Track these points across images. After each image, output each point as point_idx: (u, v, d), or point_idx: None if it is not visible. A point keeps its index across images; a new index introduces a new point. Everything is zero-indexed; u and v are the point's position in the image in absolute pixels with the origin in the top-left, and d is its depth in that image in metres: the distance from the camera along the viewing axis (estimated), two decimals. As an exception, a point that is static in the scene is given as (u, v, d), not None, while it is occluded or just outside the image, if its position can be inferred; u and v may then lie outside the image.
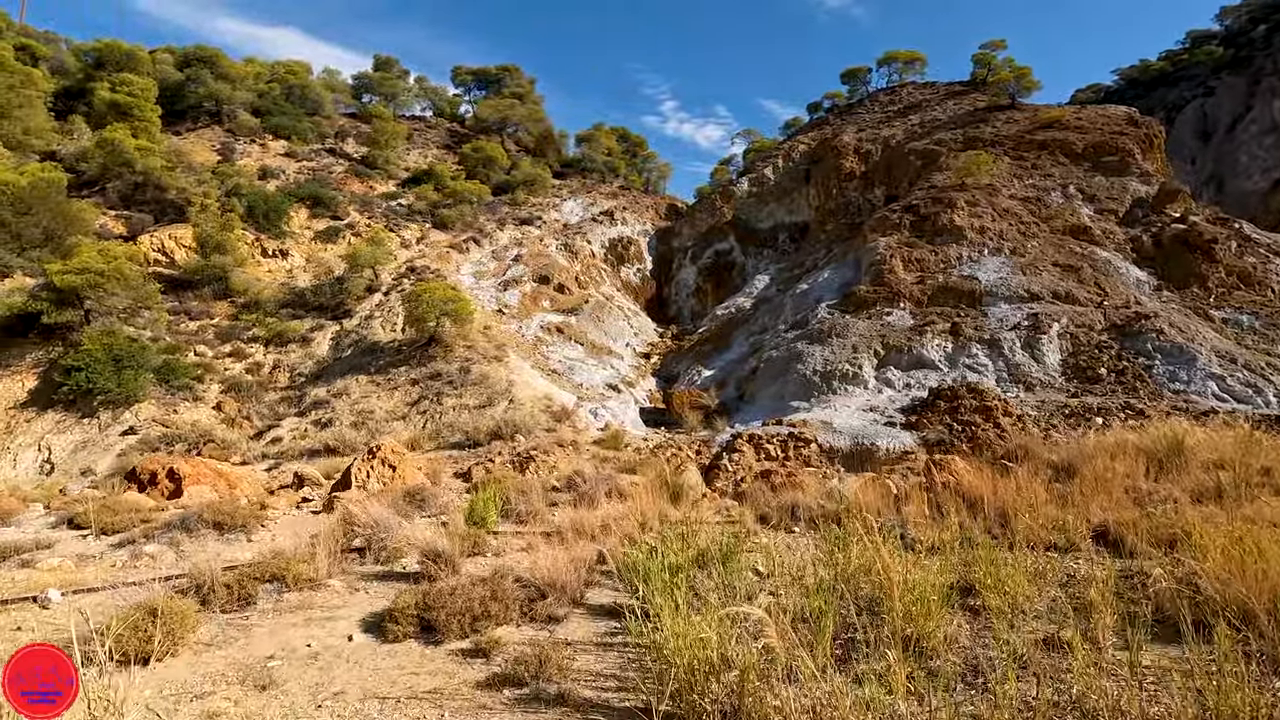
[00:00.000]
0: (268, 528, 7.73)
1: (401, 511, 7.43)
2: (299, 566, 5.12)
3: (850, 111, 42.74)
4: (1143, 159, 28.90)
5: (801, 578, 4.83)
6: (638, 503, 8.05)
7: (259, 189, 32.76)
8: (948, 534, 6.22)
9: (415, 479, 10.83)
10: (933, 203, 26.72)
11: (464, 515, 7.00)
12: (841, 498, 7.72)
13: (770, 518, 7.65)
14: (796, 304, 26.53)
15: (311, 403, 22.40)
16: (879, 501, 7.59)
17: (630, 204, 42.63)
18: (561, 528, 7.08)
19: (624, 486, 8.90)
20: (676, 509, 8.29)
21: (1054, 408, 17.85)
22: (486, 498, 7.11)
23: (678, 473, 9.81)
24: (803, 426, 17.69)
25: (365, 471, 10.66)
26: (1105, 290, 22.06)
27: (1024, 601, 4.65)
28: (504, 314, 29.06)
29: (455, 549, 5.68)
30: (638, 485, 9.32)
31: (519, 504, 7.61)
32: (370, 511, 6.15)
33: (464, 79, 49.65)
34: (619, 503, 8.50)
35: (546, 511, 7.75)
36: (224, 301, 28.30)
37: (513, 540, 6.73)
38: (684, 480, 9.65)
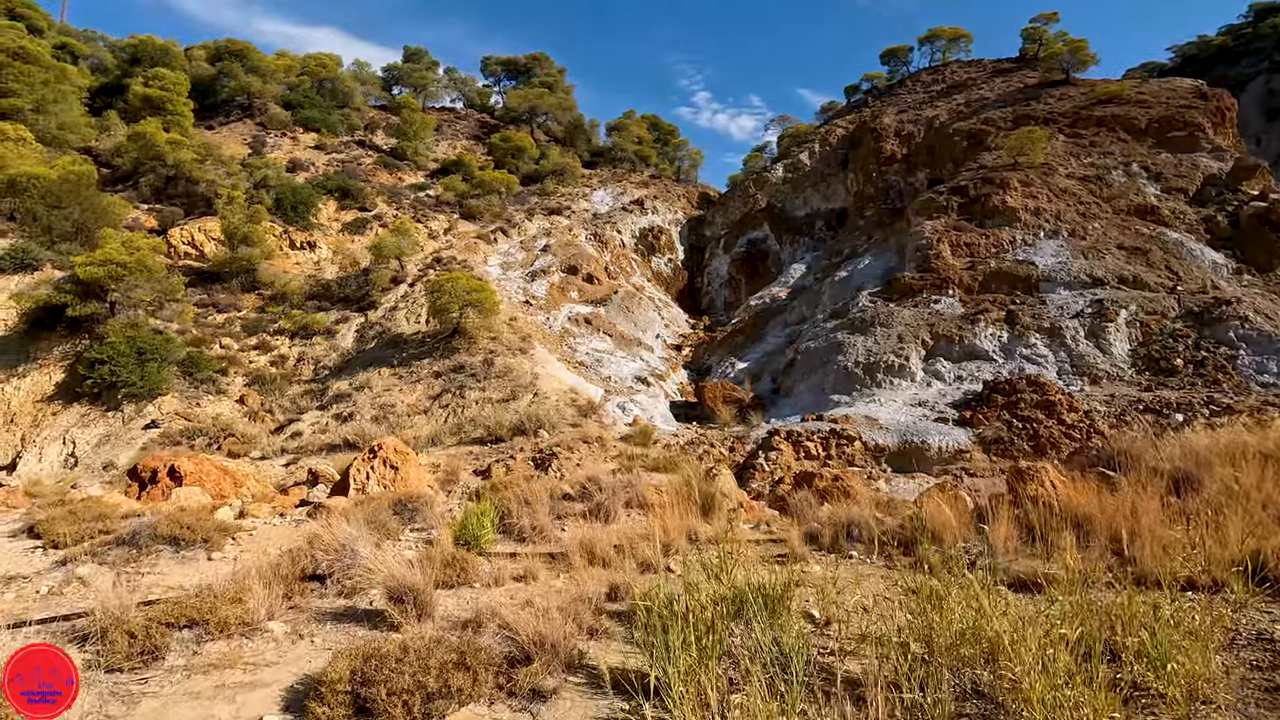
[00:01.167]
0: (238, 541, 6.68)
1: (385, 526, 6.30)
2: (226, 610, 3.98)
3: (890, 93, 40.57)
4: (1213, 133, 26.45)
5: (880, 641, 3.49)
6: (661, 516, 6.77)
7: (287, 181, 32.24)
8: (1058, 567, 4.82)
9: (418, 481, 9.72)
10: (983, 183, 24.78)
11: (453, 533, 5.83)
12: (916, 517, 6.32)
13: (820, 536, 6.29)
14: (835, 293, 24.89)
15: (333, 396, 21.62)
16: (954, 518, 6.17)
17: (661, 193, 41.22)
18: (569, 548, 5.84)
19: (646, 494, 7.63)
20: (708, 523, 6.99)
21: (1125, 403, 16.04)
22: (481, 511, 5.92)
23: (709, 477, 8.49)
24: (845, 423, 16.20)
25: (364, 473, 9.58)
26: (1178, 274, 19.99)
27: (1202, 683, 3.24)
28: (531, 305, 27.99)
29: (429, 583, 4.47)
30: (662, 493, 8.04)
31: (521, 517, 6.40)
32: (337, 531, 5.01)
33: (493, 69, 48.68)
34: (640, 515, 7.22)
35: (554, 526, 6.54)
36: (252, 294, 27.78)
37: (509, 565, 5.53)
38: (716, 487, 8.33)
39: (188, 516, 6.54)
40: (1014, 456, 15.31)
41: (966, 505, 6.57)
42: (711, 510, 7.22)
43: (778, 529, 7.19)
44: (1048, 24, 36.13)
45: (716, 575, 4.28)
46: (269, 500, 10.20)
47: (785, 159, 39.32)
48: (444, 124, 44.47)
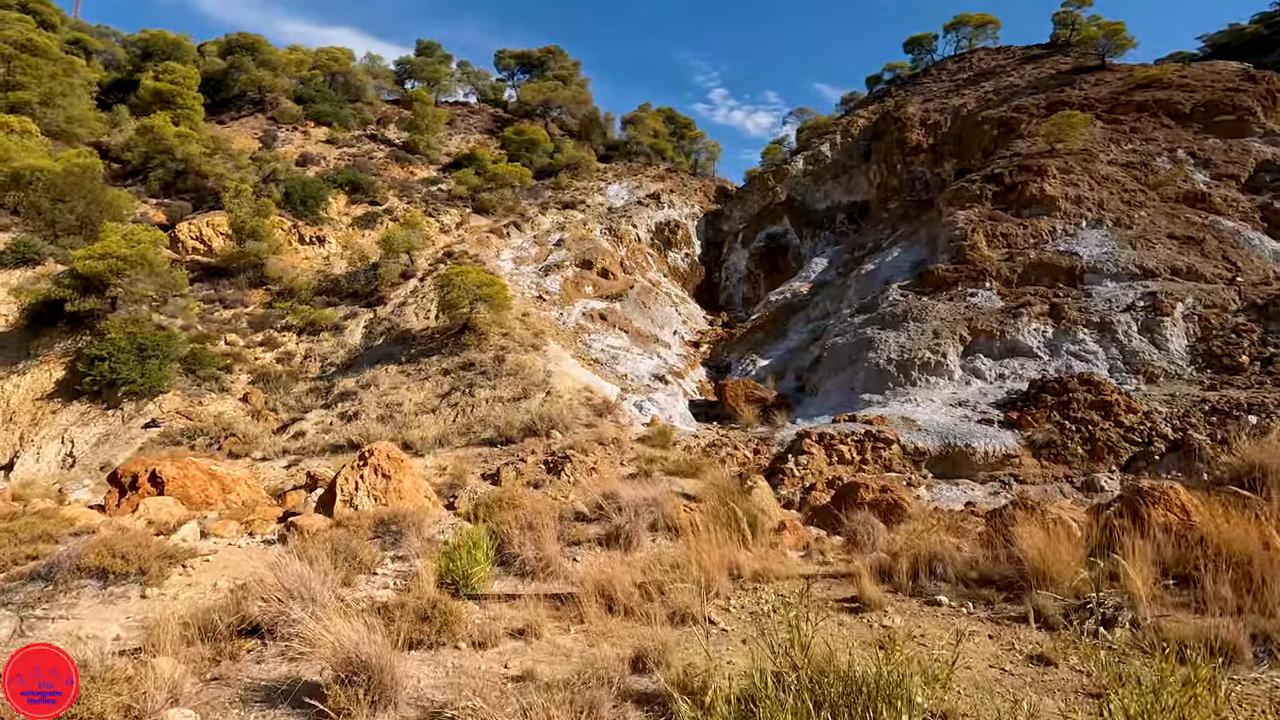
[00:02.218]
0: (189, 571, 5.54)
1: (357, 556, 5.12)
2: (104, 697, 2.80)
3: (915, 82, 38.93)
4: (1265, 117, 24.70)
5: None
6: (694, 542, 5.53)
7: (297, 175, 31.31)
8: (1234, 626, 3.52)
9: (414, 492, 8.54)
10: (1019, 171, 23.24)
11: (439, 567, 4.63)
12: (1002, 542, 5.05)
13: (894, 572, 5.01)
14: (862, 286, 23.47)
15: (339, 394, 20.57)
16: (1061, 550, 4.86)
17: (677, 186, 39.90)
18: (582, 588, 4.61)
19: (674, 513, 6.39)
20: (749, 550, 5.73)
21: (1188, 403, 14.55)
22: (474, 541, 4.72)
23: (745, 490, 7.22)
24: (881, 424, 14.85)
25: (353, 483, 8.42)
26: (1236, 265, 18.41)
27: None
28: (544, 300, 26.82)
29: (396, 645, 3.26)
30: (693, 510, 6.79)
31: (524, 544, 5.18)
32: (286, 574, 3.83)
33: (507, 63, 47.51)
34: (667, 539, 5.98)
35: (563, 556, 5.33)
36: (259, 289, 26.85)
37: (506, 612, 4.33)
38: (754, 502, 7.07)
39: (126, 541, 5.40)
40: (1067, 461, 13.92)
41: (1072, 532, 5.25)
42: (754, 534, 5.96)
43: (833, 556, 5.92)
44: (1080, 8, 34.35)
45: (784, 650, 3.02)
46: (249, 512, 9.07)
47: (805, 151, 37.85)
48: (457, 118, 43.42)
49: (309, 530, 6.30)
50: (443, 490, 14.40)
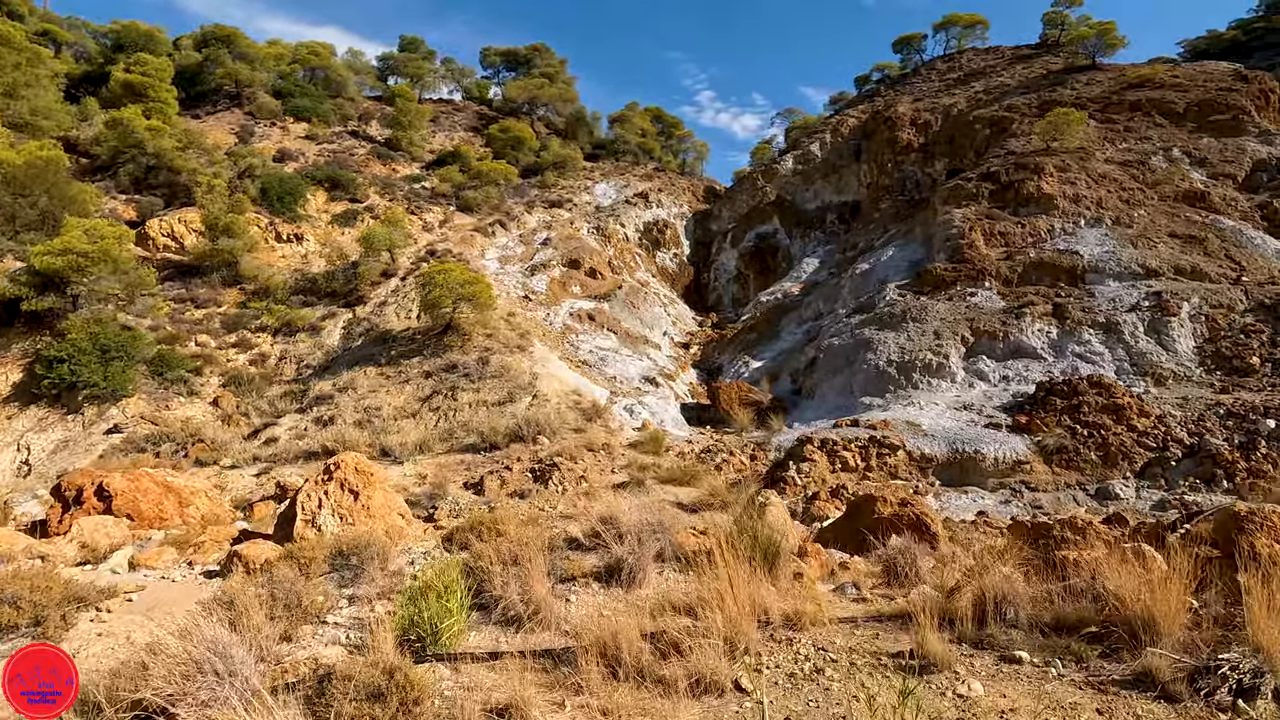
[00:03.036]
0: (101, 617, 4.56)
1: (302, 602, 4.18)
2: None
3: (904, 82, 38.39)
4: (1259, 117, 24.32)
5: None
6: (710, 579, 4.64)
7: (274, 171, 30.06)
8: None
9: (385, 509, 7.57)
10: (1015, 169, 22.63)
11: (403, 618, 3.70)
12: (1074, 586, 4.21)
13: (953, 615, 4.14)
14: (857, 286, 22.73)
15: (314, 398, 19.46)
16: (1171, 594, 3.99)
17: (665, 186, 39.05)
18: (579, 642, 3.69)
19: (682, 539, 5.49)
20: (773, 584, 4.84)
21: (1202, 406, 13.90)
22: (446, 584, 3.80)
23: (758, 510, 6.33)
24: (885, 428, 14.05)
25: (316, 499, 7.43)
26: (1240, 264, 17.86)
27: None
28: (530, 300, 25.83)
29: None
30: (703, 535, 5.90)
31: (508, 585, 4.23)
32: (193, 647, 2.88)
33: (492, 60, 46.38)
34: (677, 572, 5.07)
35: (555, 597, 4.41)
36: (233, 288, 25.60)
37: (484, 678, 3.42)
38: (769, 522, 6.17)
39: (22, 582, 4.40)
40: (1080, 468, 13.20)
41: (1155, 564, 4.41)
42: (775, 563, 5.07)
43: (871, 591, 5.04)
44: (1069, 8, 33.99)
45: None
46: (200, 533, 8.04)
47: (794, 150, 37.16)
48: (441, 115, 42.26)
49: (254, 562, 5.34)
50: (422, 501, 13.40)
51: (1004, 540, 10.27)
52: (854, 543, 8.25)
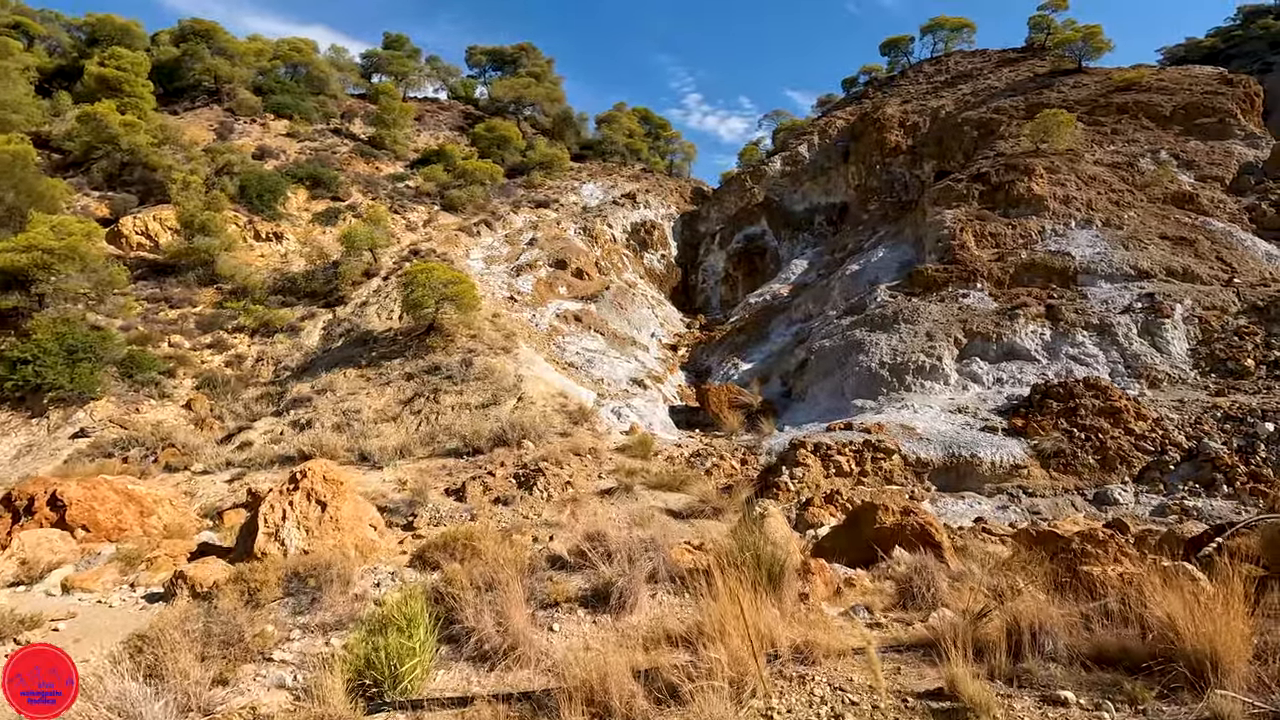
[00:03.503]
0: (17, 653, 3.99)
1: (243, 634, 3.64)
2: None
3: (892, 84, 38.24)
4: (1244, 120, 24.31)
5: None
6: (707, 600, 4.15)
7: (254, 168, 29.26)
8: None
9: (355, 522, 7.01)
10: (1006, 170, 22.40)
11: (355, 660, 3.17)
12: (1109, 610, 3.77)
13: (983, 645, 3.68)
14: (847, 287, 22.39)
15: (291, 400, 18.77)
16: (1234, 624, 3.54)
17: (653, 187, 38.61)
18: (564, 684, 3.18)
19: (676, 556, 5.00)
20: (777, 607, 4.36)
21: (1199, 409, 13.63)
22: (409, 616, 3.27)
23: (758, 522, 5.85)
24: (879, 432, 13.64)
25: (280, 511, 6.86)
26: (1232, 266, 17.70)
27: None
28: (516, 301, 25.26)
29: None
30: (699, 551, 5.41)
31: (482, 613, 3.71)
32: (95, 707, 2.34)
33: (479, 59, 45.70)
34: (671, 594, 4.57)
35: (537, 627, 3.91)
36: (210, 288, 24.79)
37: (452, 731, 2.89)
38: (769, 534, 5.69)
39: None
40: (1078, 472, 12.87)
41: (1200, 586, 3.97)
42: (778, 583, 4.59)
43: (885, 614, 4.57)
44: (1055, 12, 34.00)
45: None
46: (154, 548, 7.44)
47: (782, 152, 36.87)
48: (426, 114, 41.55)
49: (201, 585, 4.78)
50: (400, 508, 12.81)
51: (1009, 550, 9.88)
52: (855, 553, 7.80)
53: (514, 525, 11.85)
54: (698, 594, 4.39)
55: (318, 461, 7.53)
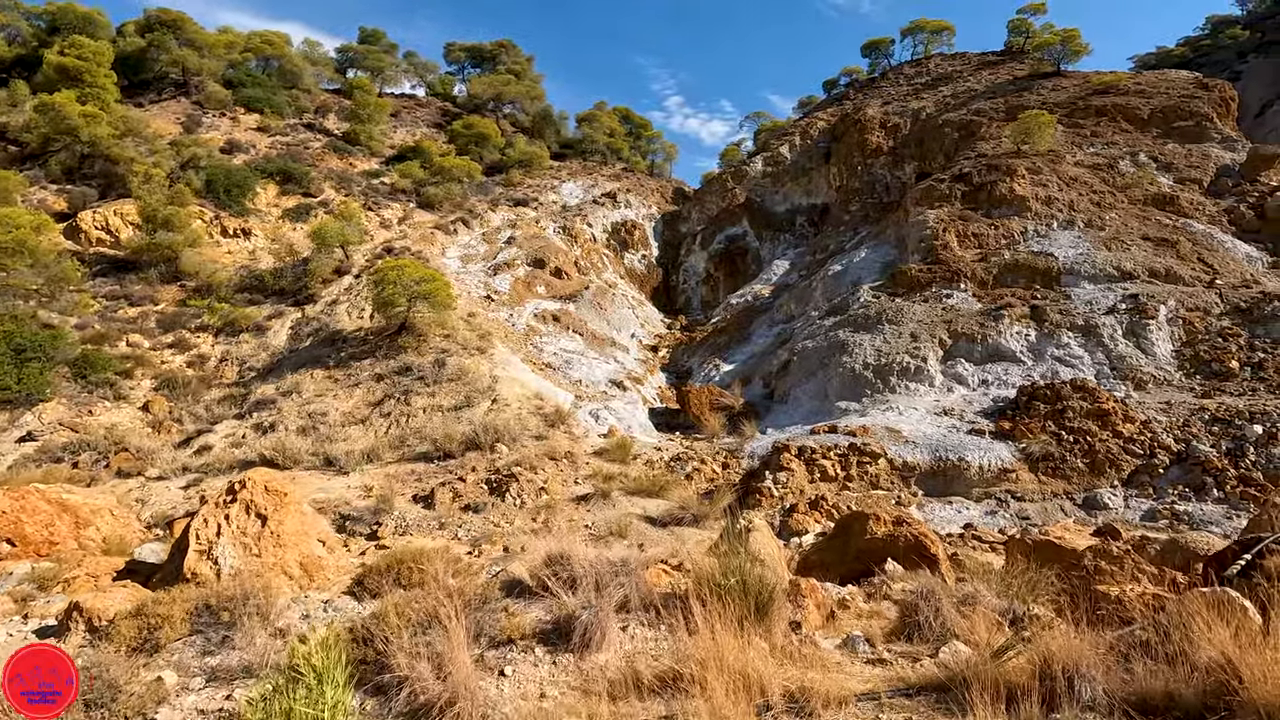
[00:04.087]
0: None
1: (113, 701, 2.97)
2: None
3: (873, 86, 38.07)
4: (1220, 123, 24.34)
5: None
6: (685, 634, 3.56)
7: (221, 162, 28.18)
8: None
9: (300, 537, 6.32)
10: (987, 170, 22.16)
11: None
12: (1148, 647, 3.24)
13: (1011, 688, 3.12)
14: (829, 288, 21.98)
15: (255, 402, 17.90)
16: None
17: (634, 186, 38.04)
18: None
19: (650, 579, 4.41)
20: (766, 640, 3.79)
21: (1186, 411, 13.34)
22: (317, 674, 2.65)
23: (742, 538, 5.26)
24: (864, 435, 13.17)
25: (214, 527, 6.15)
26: (1213, 267, 17.53)
27: None
28: (493, 301, 24.52)
29: None
30: (675, 572, 4.81)
31: (417, 659, 3.08)
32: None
33: (457, 56, 44.77)
34: (645, 627, 3.97)
35: (484, 671, 3.29)
36: (173, 285, 23.74)
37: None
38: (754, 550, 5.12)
39: None
40: (1066, 476, 12.49)
41: (1249, 616, 3.46)
42: (767, 612, 4.02)
43: (887, 646, 4.01)
44: (1034, 15, 34.03)
45: None
46: (73, 566, 6.68)
47: (764, 152, 36.50)
48: (403, 111, 40.58)
49: (100, 617, 4.08)
50: (364, 516, 12.08)
51: (1001, 558, 9.41)
52: (844, 567, 7.27)
53: (484, 534, 11.20)
54: (675, 627, 3.80)
55: (259, 471, 6.84)
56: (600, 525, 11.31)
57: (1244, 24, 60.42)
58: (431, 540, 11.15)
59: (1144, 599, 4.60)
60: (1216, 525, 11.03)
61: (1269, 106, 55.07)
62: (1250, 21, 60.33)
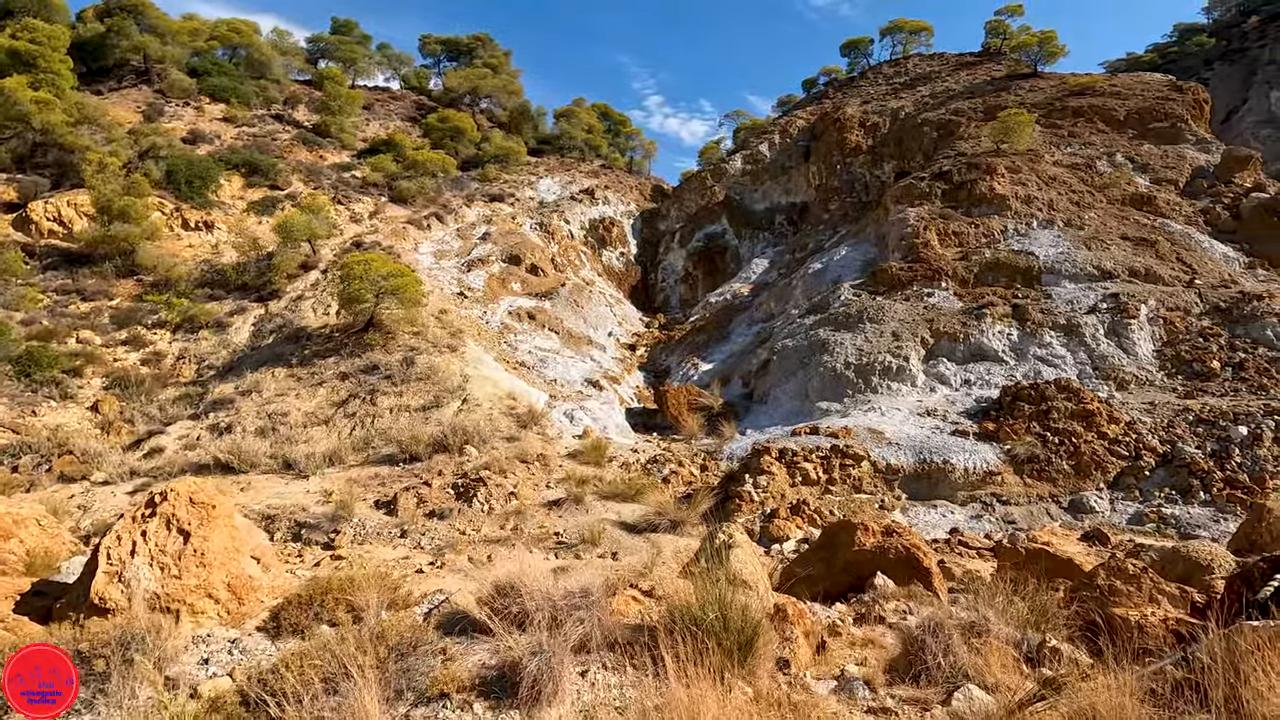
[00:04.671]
0: None
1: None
2: None
3: (852, 85, 37.83)
4: (1195, 125, 24.38)
5: None
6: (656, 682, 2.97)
7: (183, 152, 27.00)
8: None
9: (228, 555, 5.63)
10: (968, 169, 21.90)
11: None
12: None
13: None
14: (809, 286, 21.56)
15: (212, 402, 16.97)
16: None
17: (612, 183, 37.39)
18: None
19: (617, 608, 3.82)
20: (750, 684, 3.22)
21: (1170, 412, 13.07)
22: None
23: (720, 555, 4.69)
24: (847, 436, 12.70)
25: (129, 544, 5.44)
26: (1192, 267, 17.39)
27: None
28: (466, 297, 23.73)
29: None
30: (644, 599, 4.22)
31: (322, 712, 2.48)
32: None
33: (432, 49, 43.70)
34: (606, 668, 3.37)
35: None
36: (129, 280, 22.62)
37: None
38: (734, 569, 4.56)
39: None
40: (1052, 478, 12.14)
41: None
42: (752, 647, 3.44)
43: (889, 691, 3.45)
44: (1011, 17, 34.03)
45: None
46: None
47: (743, 150, 36.07)
48: (376, 103, 39.47)
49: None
50: (321, 524, 11.31)
51: (989, 566, 8.97)
52: (830, 581, 6.73)
53: (448, 543, 10.52)
54: (645, 668, 3.21)
55: (185, 480, 6.12)
56: (572, 532, 10.69)
57: (1210, 32, 61.62)
58: (392, 549, 10.45)
59: (1168, 625, 4.11)
60: (1204, 529, 10.74)
61: (1234, 112, 56.06)
62: (1217, 30, 61.54)
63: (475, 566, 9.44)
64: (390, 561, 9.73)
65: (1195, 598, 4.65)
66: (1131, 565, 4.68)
